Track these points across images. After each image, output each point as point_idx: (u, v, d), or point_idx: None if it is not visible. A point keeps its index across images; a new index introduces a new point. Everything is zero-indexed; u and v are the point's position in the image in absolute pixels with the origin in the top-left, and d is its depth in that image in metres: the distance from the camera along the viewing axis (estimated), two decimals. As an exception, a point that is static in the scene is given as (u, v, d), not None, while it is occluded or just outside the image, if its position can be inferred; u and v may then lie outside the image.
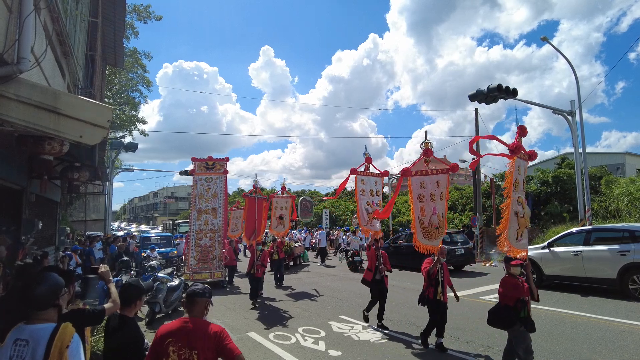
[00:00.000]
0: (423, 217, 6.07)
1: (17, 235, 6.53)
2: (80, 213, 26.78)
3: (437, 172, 6.18)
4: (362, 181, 7.94)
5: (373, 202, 7.90)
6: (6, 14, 3.33)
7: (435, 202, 5.99)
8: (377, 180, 8.18)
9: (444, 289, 5.80)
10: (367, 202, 7.80)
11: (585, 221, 13.07)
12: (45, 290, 2.14)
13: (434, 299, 5.77)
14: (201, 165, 12.70)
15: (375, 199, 7.97)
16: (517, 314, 4.47)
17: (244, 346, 6.28)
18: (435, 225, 5.96)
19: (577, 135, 13.45)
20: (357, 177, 7.92)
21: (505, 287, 4.67)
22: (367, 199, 7.84)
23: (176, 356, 2.42)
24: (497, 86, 11.37)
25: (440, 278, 5.78)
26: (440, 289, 5.74)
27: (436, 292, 5.75)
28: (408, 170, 6.24)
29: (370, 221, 7.69)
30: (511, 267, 4.72)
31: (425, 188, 6.10)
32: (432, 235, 5.96)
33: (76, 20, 7.20)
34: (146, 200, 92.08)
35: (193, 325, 2.50)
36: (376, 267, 7.18)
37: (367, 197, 7.88)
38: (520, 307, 4.47)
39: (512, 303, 4.53)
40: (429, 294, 5.83)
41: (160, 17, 22.09)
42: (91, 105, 3.64)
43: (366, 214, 7.72)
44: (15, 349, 2.00)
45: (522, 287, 4.54)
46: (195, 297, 2.60)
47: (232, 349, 2.46)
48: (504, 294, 4.66)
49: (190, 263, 12.04)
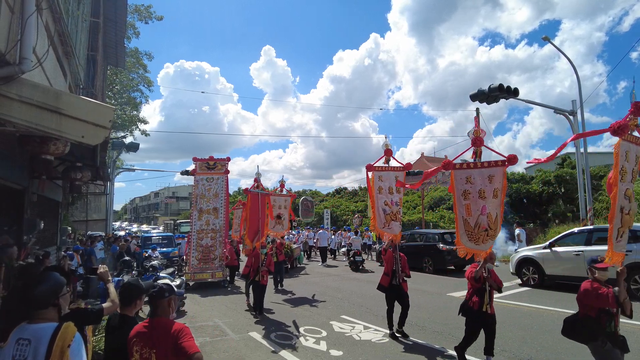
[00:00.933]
0: (469, 217, 5.25)
1: (19, 235, 6.54)
2: (81, 213, 26.86)
3: (489, 165, 5.23)
4: (380, 177, 7.08)
5: (392, 202, 6.99)
6: (8, 14, 3.34)
7: (485, 200, 5.14)
8: (398, 175, 7.14)
9: (492, 299, 5.11)
10: (385, 201, 6.97)
11: (587, 221, 13.04)
12: (45, 289, 2.15)
13: (479, 310, 5.02)
14: (202, 165, 12.73)
15: (394, 197, 7.03)
16: (601, 327, 3.81)
17: (246, 346, 6.29)
18: (483, 226, 5.15)
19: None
20: (373, 174, 7.11)
21: (586, 294, 3.92)
22: (385, 198, 6.98)
23: (138, 356, 2.45)
24: (498, 86, 11.36)
25: (487, 287, 5.04)
26: (487, 298, 5.04)
27: (482, 302, 5.03)
28: (450, 162, 5.33)
29: (388, 223, 6.93)
30: (596, 270, 4.00)
31: (473, 183, 5.24)
32: (479, 239, 5.17)
33: (77, 20, 7.21)
34: (147, 200, 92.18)
35: (156, 325, 2.51)
36: (393, 271, 6.66)
37: (385, 196, 7.00)
38: (605, 320, 3.81)
39: (593, 314, 3.89)
40: (473, 305, 5.09)
41: (161, 17, 22.14)
42: (93, 106, 3.65)
43: (383, 215, 6.95)
44: (18, 348, 2.01)
45: (607, 296, 3.77)
46: (155, 299, 2.59)
47: (188, 347, 2.36)
48: (583, 302, 3.98)
49: (192, 263, 12.07)
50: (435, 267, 13.90)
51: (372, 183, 7.10)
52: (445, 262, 13.72)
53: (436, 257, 13.91)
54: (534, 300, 8.92)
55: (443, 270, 13.75)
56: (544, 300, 8.81)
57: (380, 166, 7.19)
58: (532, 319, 7.43)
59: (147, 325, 2.53)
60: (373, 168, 7.14)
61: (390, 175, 7.13)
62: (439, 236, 14.38)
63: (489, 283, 4.99)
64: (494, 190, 5.14)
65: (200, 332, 7.06)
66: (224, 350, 6.09)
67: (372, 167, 7.15)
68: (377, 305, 8.87)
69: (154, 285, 2.70)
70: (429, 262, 14.15)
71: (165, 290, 2.62)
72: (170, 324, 2.50)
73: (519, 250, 11.75)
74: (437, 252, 13.89)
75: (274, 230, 11.61)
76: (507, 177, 15.26)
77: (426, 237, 15.12)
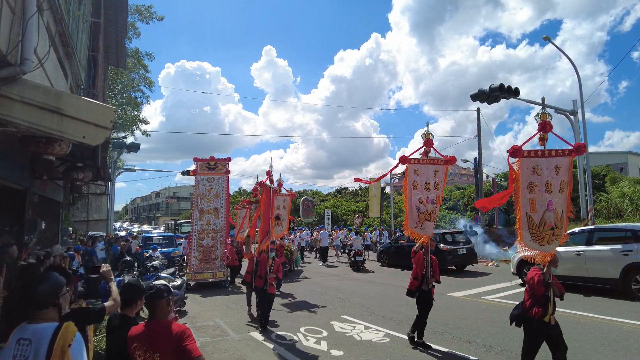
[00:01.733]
0: (533, 213, 4.60)
1: (20, 235, 6.56)
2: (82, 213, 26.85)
3: (556, 154, 4.63)
4: (416, 171, 6.30)
5: (428, 199, 6.30)
6: (9, 15, 3.35)
7: (551, 194, 4.53)
8: (437, 169, 6.37)
9: (555, 309, 4.50)
10: (419, 198, 6.29)
11: (588, 221, 13.03)
12: (45, 289, 2.15)
13: (540, 320, 4.36)
14: (203, 165, 12.74)
15: (431, 194, 6.33)
16: None
17: (246, 346, 6.30)
18: (549, 224, 4.56)
19: (579, 134, 13.42)
20: (409, 167, 6.31)
21: None
22: (420, 195, 6.30)
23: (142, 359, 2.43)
24: (499, 86, 11.36)
25: (550, 294, 4.47)
26: (551, 308, 4.40)
27: (546, 312, 4.36)
28: (519, 149, 4.62)
29: (421, 223, 6.29)
30: None
31: (540, 174, 4.57)
32: (544, 238, 4.62)
33: (78, 21, 7.23)
34: (148, 201, 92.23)
35: (155, 327, 2.48)
36: (423, 275, 6.13)
37: (421, 192, 6.31)
38: None
39: None
40: (534, 314, 4.38)
41: (162, 18, 22.15)
42: (94, 106, 3.66)
43: (416, 214, 6.28)
44: (18, 348, 2.01)
45: None
46: (153, 300, 2.56)
47: (191, 349, 2.35)
48: None
49: (193, 263, 12.08)
50: (436, 267, 13.88)
51: (407, 177, 6.35)
52: (446, 262, 13.71)
53: (437, 257, 13.86)
54: (534, 300, 8.90)
55: (444, 270, 13.72)
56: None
57: (416, 158, 6.35)
58: (532, 319, 7.41)
59: (146, 327, 2.51)
60: (408, 160, 6.29)
61: (428, 170, 6.34)
62: (439, 236, 14.38)
63: (552, 290, 4.45)
64: (560, 183, 4.56)
65: (201, 332, 7.07)
66: (224, 350, 6.09)
67: (407, 159, 6.30)
68: (377, 305, 8.87)
69: (151, 286, 2.69)
70: (430, 262, 14.13)
71: (163, 290, 2.60)
72: (170, 325, 2.49)
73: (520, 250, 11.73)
74: (438, 252, 13.86)
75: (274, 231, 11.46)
76: None
77: (427, 237, 15.10)
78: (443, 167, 6.40)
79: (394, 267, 15.88)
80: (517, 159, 4.64)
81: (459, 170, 65.02)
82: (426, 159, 6.35)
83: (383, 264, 16.73)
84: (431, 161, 6.37)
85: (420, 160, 6.35)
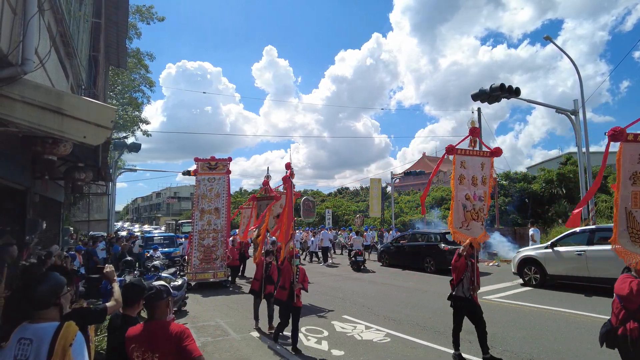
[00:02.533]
0: (635, 209, 3.88)
1: (21, 235, 6.56)
2: (83, 213, 26.89)
3: None
4: (463, 163, 5.63)
5: (475, 195, 5.64)
6: (10, 15, 3.35)
7: None
8: (484, 162, 5.74)
9: None
10: (466, 194, 5.61)
11: (589, 220, 13.00)
12: (46, 289, 2.15)
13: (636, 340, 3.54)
14: (204, 165, 12.75)
15: (479, 189, 5.67)
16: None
17: (247, 346, 6.30)
18: None
19: (580, 134, 13.40)
20: (455, 158, 5.62)
21: None
22: (466, 190, 5.61)
23: None
24: (499, 85, 11.35)
25: None
26: None
27: None
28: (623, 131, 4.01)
29: (467, 223, 5.57)
30: None
31: None
32: None
33: (79, 21, 7.24)
34: (149, 201, 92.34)
35: (154, 328, 2.47)
36: (460, 280, 5.41)
37: (467, 188, 5.62)
38: None
39: None
40: (630, 333, 3.55)
41: (162, 18, 22.15)
42: (95, 106, 3.66)
43: (462, 212, 5.56)
44: (20, 348, 2.02)
45: None
46: (152, 301, 2.56)
47: (191, 350, 2.35)
48: None
49: (193, 263, 12.09)
50: (437, 267, 13.89)
51: (453, 171, 5.64)
52: (447, 262, 13.68)
53: (438, 257, 13.91)
54: (535, 300, 8.90)
55: (445, 270, 13.72)
56: (545, 300, 8.80)
57: (464, 149, 5.68)
58: (533, 319, 7.41)
59: (144, 327, 2.50)
60: (455, 151, 5.61)
61: (475, 162, 5.68)
62: (440, 236, 14.38)
63: None
64: None
65: (202, 332, 7.07)
66: (225, 350, 6.09)
67: (454, 149, 5.60)
68: (378, 305, 8.87)
69: (150, 287, 2.69)
70: (431, 262, 14.15)
71: (163, 291, 2.59)
72: (169, 326, 2.48)
73: (521, 250, 11.73)
74: (439, 252, 13.89)
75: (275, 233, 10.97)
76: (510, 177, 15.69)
77: (428, 237, 15.12)
78: (489, 160, 5.80)
79: (394, 267, 15.88)
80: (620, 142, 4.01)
81: (459, 170, 64.79)
82: (473, 150, 5.71)
83: (384, 264, 16.73)
84: (477, 153, 5.77)
85: (467, 151, 5.68)
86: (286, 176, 7.04)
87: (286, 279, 6.16)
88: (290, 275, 6.13)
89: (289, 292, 6.03)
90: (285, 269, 6.30)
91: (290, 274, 6.14)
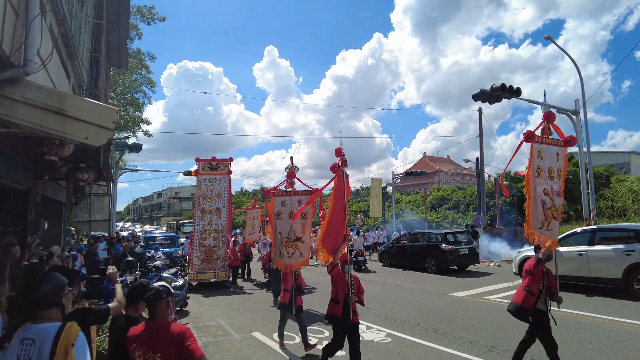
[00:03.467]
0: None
1: (23, 235, 6.59)
2: (84, 213, 26.95)
3: None
4: (540, 153, 4.86)
5: (552, 190, 4.94)
6: (13, 17, 3.37)
7: None
8: (559, 152, 5.05)
9: None
10: (544, 189, 4.86)
11: (590, 220, 12.99)
12: (47, 289, 2.16)
13: None
14: (205, 165, 12.78)
15: (555, 184, 4.98)
16: None
17: (248, 346, 6.31)
18: None
19: (581, 134, 13.39)
20: (533, 147, 4.84)
21: None
22: (544, 185, 4.87)
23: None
24: (500, 86, 11.34)
25: None
26: None
27: None
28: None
29: (548, 222, 4.86)
30: None
31: None
32: None
33: (81, 22, 7.26)
34: (150, 201, 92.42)
35: (155, 327, 2.48)
36: (540, 291, 4.77)
37: (545, 182, 4.88)
38: None
39: None
40: None
41: (163, 19, 22.17)
42: (96, 107, 3.68)
43: (542, 210, 4.79)
44: (22, 348, 2.03)
45: None
46: (153, 302, 2.56)
47: (193, 350, 2.35)
48: None
49: (194, 263, 12.11)
50: (437, 267, 13.89)
51: (530, 161, 4.87)
52: (447, 262, 13.72)
53: (439, 257, 13.91)
54: (536, 300, 8.89)
55: (445, 271, 13.73)
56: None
57: (542, 136, 4.96)
58: (535, 319, 7.40)
59: (145, 328, 2.51)
60: (534, 137, 4.85)
61: (551, 152, 4.95)
62: (441, 236, 14.38)
63: None
64: None
65: (203, 332, 7.09)
66: (227, 350, 6.11)
67: (533, 135, 4.85)
68: (379, 305, 8.87)
69: (151, 287, 2.69)
70: (432, 262, 14.14)
71: (163, 292, 2.60)
72: (170, 326, 2.48)
73: (522, 250, 11.72)
74: (440, 252, 13.88)
75: None
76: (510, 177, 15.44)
77: (429, 237, 15.12)
78: (563, 150, 5.12)
79: (395, 267, 15.88)
80: None
81: (460, 170, 64.96)
82: (549, 138, 4.99)
83: (385, 264, 16.73)
84: (553, 142, 5.05)
85: (545, 139, 4.95)
86: (335, 164, 5.47)
87: (339, 290, 5.09)
88: (344, 285, 5.05)
89: (344, 306, 4.97)
90: (338, 278, 5.15)
91: (345, 284, 5.06)
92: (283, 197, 6.50)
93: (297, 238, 6.23)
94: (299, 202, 6.43)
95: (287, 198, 6.51)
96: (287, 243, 6.21)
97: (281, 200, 6.46)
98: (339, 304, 5.00)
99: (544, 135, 4.99)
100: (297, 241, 6.22)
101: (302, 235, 6.25)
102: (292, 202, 6.45)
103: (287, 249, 6.18)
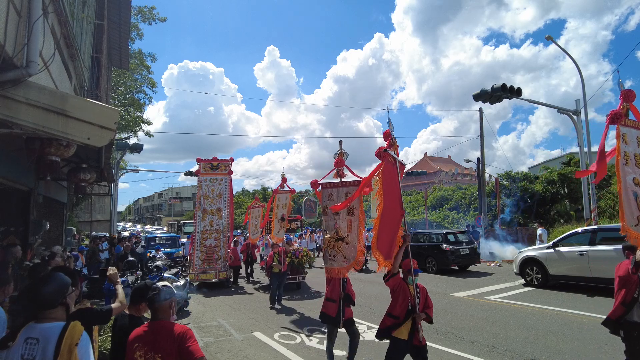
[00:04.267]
0: None
1: (25, 235, 6.61)
2: (86, 214, 27.01)
3: None
4: (624, 137, 4.21)
5: None
6: (16, 18, 3.38)
7: None
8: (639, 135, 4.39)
9: None
10: (634, 178, 4.20)
11: (591, 220, 12.98)
12: (51, 289, 2.18)
13: None
14: (206, 166, 12.80)
15: None
16: None
17: (249, 346, 6.32)
18: None
19: (582, 134, 13.37)
20: (619, 130, 4.18)
21: None
22: (633, 174, 4.21)
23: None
24: (501, 86, 11.33)
25: None
26: None
27: None
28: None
29: None
30: None
31: None
32: None
33: (82, 23, 7.28)
34: (151, 201, 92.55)
35: (157, 328, 2.49)
36: (634, 299, 4.09)
37: (633, 170, 4.22)
38: None
39: None
40: None
41: (164, 19, 22.21)
42: (98, 108, 3.69)
43: (634, 204, 4.10)
44: (27, 347, 2.05)
45: None
46: (155, 302, 2.57)
47: (194, 351, 2.37)
48: None
49: (196, 263, 12.13)
50: (438, 267, 13.89)
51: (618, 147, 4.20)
52: (448, 262, 13.72)
53: (439, 257, 13.91)
54: (537, 300, 8.90)
55: (446, 271, 13.74)
56: (547, 301, 8.79)
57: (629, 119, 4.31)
58: (535, 319, 7.41)
59: (147, 328, 2.52)
60: (619, 119, 4.16)
61: (633, 136, 4.33)
62: (442, 236, 14.38)
63: None
64: None
65: (204, 332, 7.10)
66: (228, 350, 6.12)
67: (620, 116, 4.16)
68: (380, 305, 8.87)
69: (153, 287, 2.70)
70: (432, 262, 14.15)
71: (165, 292, 2.61)
72: (172, 326, 2.50)
73: (523, 250, 11.72)
74: (441, 252, 13.88)
75: (278, 235, 9.97)
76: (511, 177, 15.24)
77: (429, 237, 15.12)
78: None
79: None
80: None
81: (461, 170, 64.92)
82: (631, 120, 4.32)
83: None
84: (634, 124, 4.36)
85: (630, 122, 4.31)
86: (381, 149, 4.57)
87: (398, 305, 4.27)
88: (406, 299, 4.18)
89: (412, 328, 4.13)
90: (399, 290, 4.29)
91: (406, 297, 4.18)
92: (330, 190, 5.48)
93: (340, 238, 5.20)
94: (346, 194, 5.27)
95: (334, 190, 5.43)
96: (330, 243, 5.28)
97: (328, 193, 5.48)
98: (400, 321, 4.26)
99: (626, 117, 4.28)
100: (340, 241, 5.20)
101: (347, 234, 5.16)
102: (340, 194, 5.35)
103: (330, 250, 5.26)
